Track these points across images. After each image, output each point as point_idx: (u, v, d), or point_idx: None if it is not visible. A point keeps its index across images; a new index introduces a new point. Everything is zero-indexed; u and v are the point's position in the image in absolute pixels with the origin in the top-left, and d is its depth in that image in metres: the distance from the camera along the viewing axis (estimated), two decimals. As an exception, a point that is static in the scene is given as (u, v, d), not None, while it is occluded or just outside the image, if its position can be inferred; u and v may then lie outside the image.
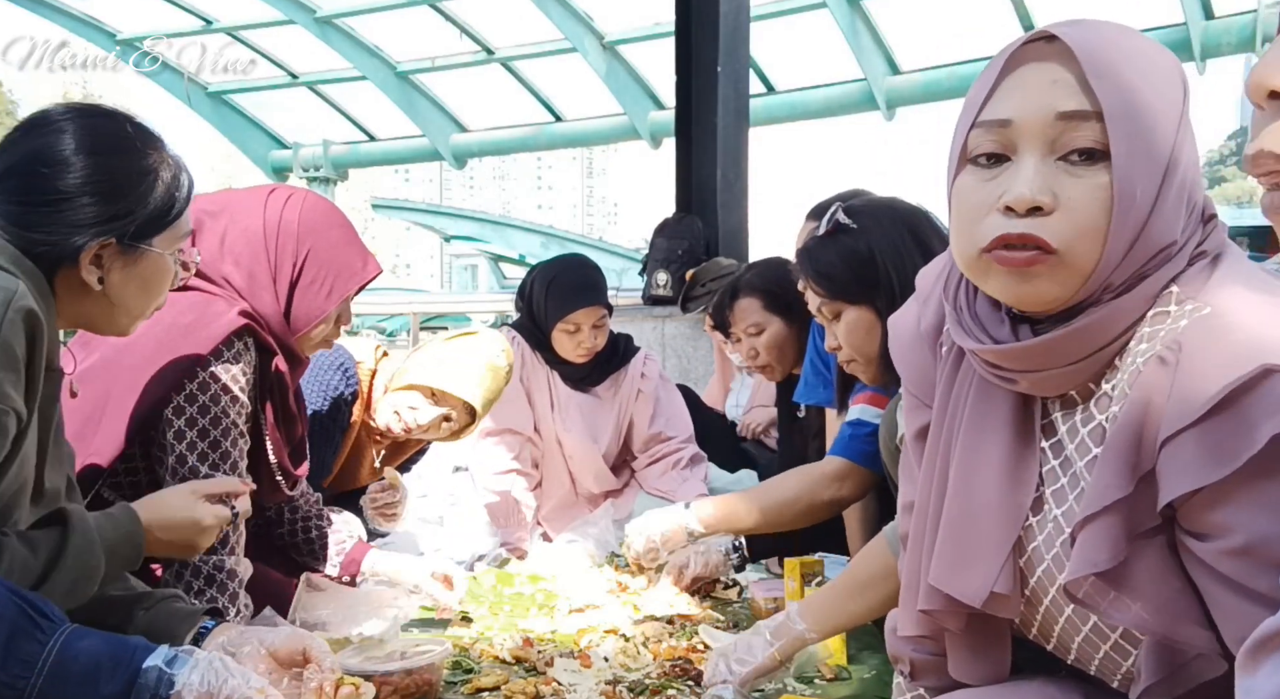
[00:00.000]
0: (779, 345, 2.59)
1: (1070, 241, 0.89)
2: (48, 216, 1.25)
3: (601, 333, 2.84)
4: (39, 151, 1.27)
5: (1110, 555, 0.85)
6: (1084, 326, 0.91)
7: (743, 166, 4.94)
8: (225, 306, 1.71)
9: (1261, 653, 0.56)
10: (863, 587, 1.63)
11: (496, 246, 19.44)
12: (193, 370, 1.65)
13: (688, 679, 1.77)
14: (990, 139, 0.93)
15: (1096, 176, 0.89)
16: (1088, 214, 0.89)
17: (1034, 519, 0.98)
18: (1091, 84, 0.88)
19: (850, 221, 1.87)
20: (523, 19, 11.24)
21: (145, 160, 1.33)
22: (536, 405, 2.91)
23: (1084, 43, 0.90)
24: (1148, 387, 0.85)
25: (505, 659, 1.88)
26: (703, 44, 4.81)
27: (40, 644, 1.03)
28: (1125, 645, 0.94)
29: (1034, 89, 0.91)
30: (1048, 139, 0.90)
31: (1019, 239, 0.90)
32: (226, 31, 12.49)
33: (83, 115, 1.31)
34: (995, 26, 13.04)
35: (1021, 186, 0.90)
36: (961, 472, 1.01)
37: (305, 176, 14.40)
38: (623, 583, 2.37)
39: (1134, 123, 0.88)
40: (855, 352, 1.90)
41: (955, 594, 0.99)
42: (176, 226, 1.38)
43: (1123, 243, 0.89)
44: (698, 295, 4.52)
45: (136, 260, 1.33)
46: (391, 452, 2.58)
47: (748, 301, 2.63)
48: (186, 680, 1.09)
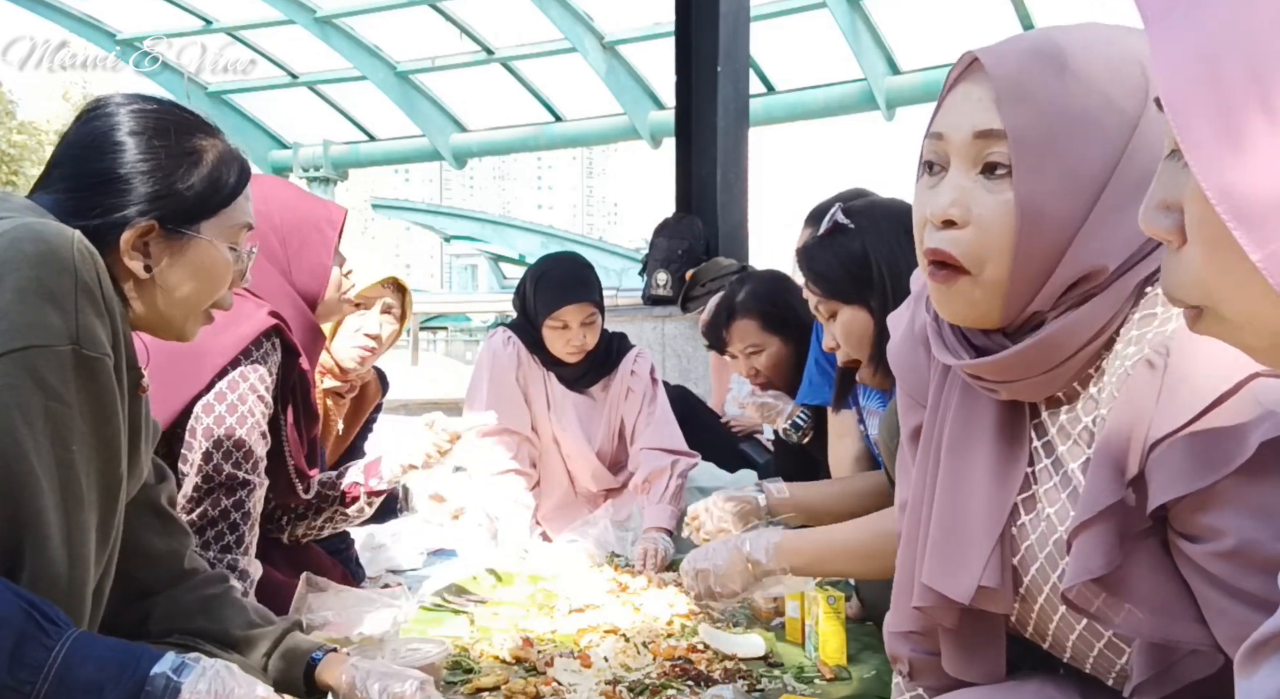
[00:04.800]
0: (778, 364, 2.61)
1: (978, 259, 0.92)
2: (90, 199, 1.22)
3: (592, 331, 2.80)
4: (83, 137, 1.26)
5: (1106, 561, 0.85)
6: (1043, 340, 0.92)
7: (743, 166, 4.95)
8: (254, 307, 1.72)
9: (1260, 654, 0.56)
10: (864, 557, 1.68)
11: (496, 246, 19.47)
12: (223, 369, 1.67)
13: (688, 679, 1.77)
14: (931, 150, 0.97)
15: (1005, 197, 0.91)
16: (995, 233, 0.91)
17: (1026, 518, 0.99)
18: (1000, 105, 0.90)
19: (848, 222, 1.90)
20: (523, 19, 11.26)
21: (190, 142, 1.30)
22: (533, 405, 2.91)
23: (1001, 65, 0.91)
24: (1136, 390, 0.85)
25: (505, 659, 1.88)
26: (703, 44, 4.82)
27: (47, 650, 1.01)
28: (1118, 643, 0.95)
29: (962, 106, 0.94)
30: (970, 155, 0.93)
31: (934, 255, 0.94)
32: (226, 31, 12.51)
33: (136, 101, 1.29)
34: (995, 26, 13.03)
35: (940, 198, 0.93)
36: (949, 471, 1.03)
37: (305, 176, 14.42)
38: (623, 583, 2.37)
39: (1046, 143, 0.89)
40: (851, 350, 1.92)
41: (944, 591, 1.01)
42: (228, 215, 1.33)
43: (1033, 262, 0.90)
44: (698, 295, 4.53)
45: (184, 248, 1.28)
46: (351, 413, 2.53)
47: (745, 323, 2.63)
48: (194, 689, 1.08)
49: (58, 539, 1.08)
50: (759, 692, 1.73)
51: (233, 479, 1.66)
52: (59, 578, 1.08)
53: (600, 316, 2.82)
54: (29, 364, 1.04)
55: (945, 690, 1.12)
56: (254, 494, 1.70)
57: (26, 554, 1.06)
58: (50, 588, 1.07)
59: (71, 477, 1.08)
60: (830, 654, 1.84)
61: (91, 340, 1.08)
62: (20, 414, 1.03)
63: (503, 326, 2.98)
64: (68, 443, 1.07)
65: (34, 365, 1.04)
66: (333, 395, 2.42)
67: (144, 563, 1.39)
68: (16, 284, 1.04)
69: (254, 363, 1.70)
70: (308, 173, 14.46)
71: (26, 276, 1.05)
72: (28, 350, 1.04)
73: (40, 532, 1.06)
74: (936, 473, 1.05)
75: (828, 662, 1.83)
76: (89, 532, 1.12)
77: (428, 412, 2.33)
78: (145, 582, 1.41)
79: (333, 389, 2.39)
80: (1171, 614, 0.86)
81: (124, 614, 1.42)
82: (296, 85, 13.18)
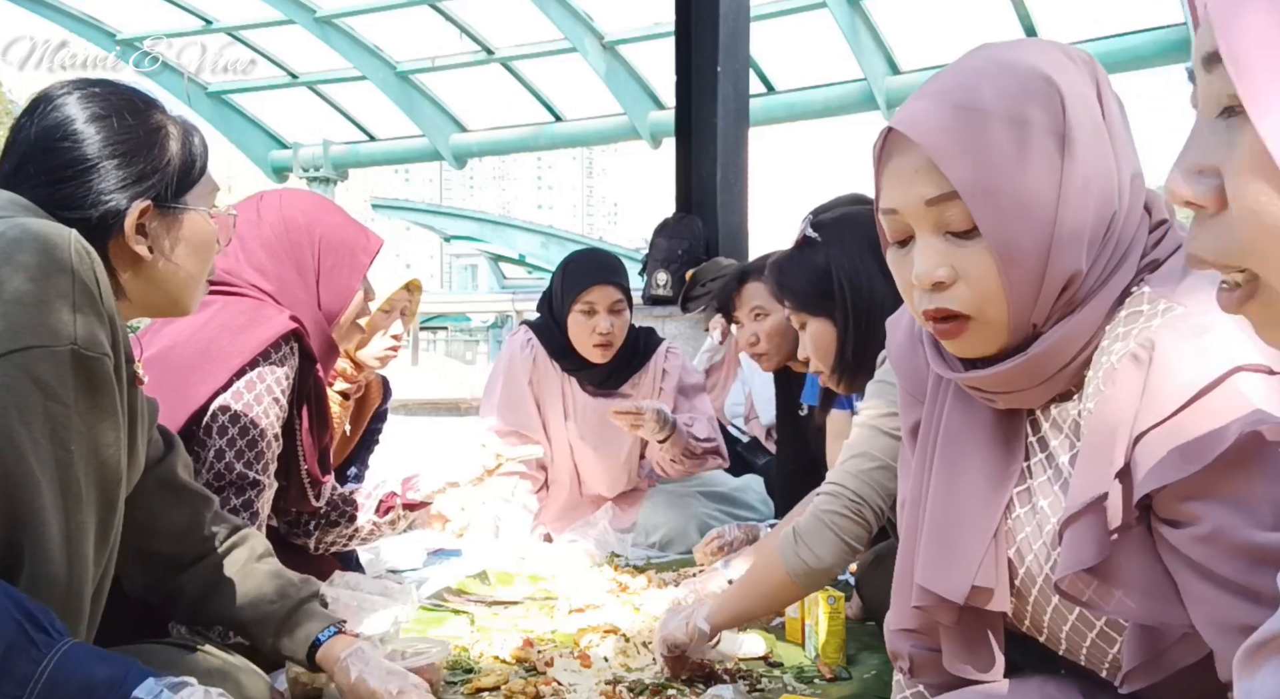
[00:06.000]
0: (780, 333, 2.59)
1: (978, 306, 0.95)
2: (78, 189, 1.23)
3: (619, 321, 2.74)
4: (49, 129, 1.25)
5: (1096, 552, 0.88)
6: (1039, 354, 0.95)
7: (743, 166, 4.94)
8: (275, 311, 1.76)
9: (1260, 655, 0.56)
10: (754, 584, 1.71)
11: (496, 246, 19.46)
12: (241, 370, 1.68)
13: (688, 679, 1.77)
14: (890, 226, 1.00)
15: (979, 246, 0.93)
16: (983, 281, 0.94)
17: (1021, 510, 1.01)
18: (941, 168, 0.92)
19: (816, 235, 1.95)
20: (523, 19, 11.26)
21: (152, 119, 1.31)
22: (547, 410, 2.86)
23: (924, 132, 0.93)
24: (1122, 384, 0.88)
25: (505, 659, 1.88)
26: (703, 44, 4.81)
27: (35, 663, 0.99)
28: (1110, 633, 0.96)
29: (903, 179, 0.96)
30: (929, 221, 0.95)
31: (936, 314, 0.96)
32: (226, 31, 12.50)
33: (80, 87, 1.29)
34: (995, 26, 13.04)
35: (921, 265, 0.96)
36: (944, 471, 1.05)
37: (305, 176, 14.41)
38: (623, 583, 2.37)
39: (995, 186, 0.91)
40: (817, 360, 1.97)
41: (939, 591, 1.02)
42: (205, 182, 1.36)
43: (1024, 295, 0.93)
44: (698, 295, 4.52)
45: (179, 222, 1.31)
46: (356, 412, 2.54)
47: (755, 286, 2.63)
48: None
49: (57, 539, 1.07)
50: (759, 692, 1.73)
51: (243, 478, 1.67)
52: (57, 578, 1.08)
53: (628, 309, 2.77)
54: (28, 364, 1.04)
55: (946, 688, 1.13)
56: (263, 494, 1.71)
57: (25, 554, 1.06)
58: (49, 588, 1.07)
59: (70, 477, 1.08)
60: (830, 654, 1.84)
61: (90, 340, 1.08)
62: (19, 414, 1.03)
63: (525, 325, 2.96)
64: (66, 443, 1.07)
65: (33, 366, 1.04)
66: (339, 397, 2.44)
67: (168, 540, 1.42)
68: (14, 285, 1.04)
69: (272, 365, 1.71)
70: (307, 173, 14.45)
71: (24, 277, 1.04)
72: (26, 351, 1.04)
73: (39, 532, 1.06)
74: (932, 472, 1.07)
75: (828, 662, 1.83)
76: (88, 531, 1.12)
77: (428, 411, 2.34)
78: (171, 555, 1.44)
79: (340, 391, 2.40)
80: (1160, 597, 0.88)
81: (157, 590, 1.45)
82: (296, 85, 13.17)
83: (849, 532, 1.59)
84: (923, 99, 0.96)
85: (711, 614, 1.70)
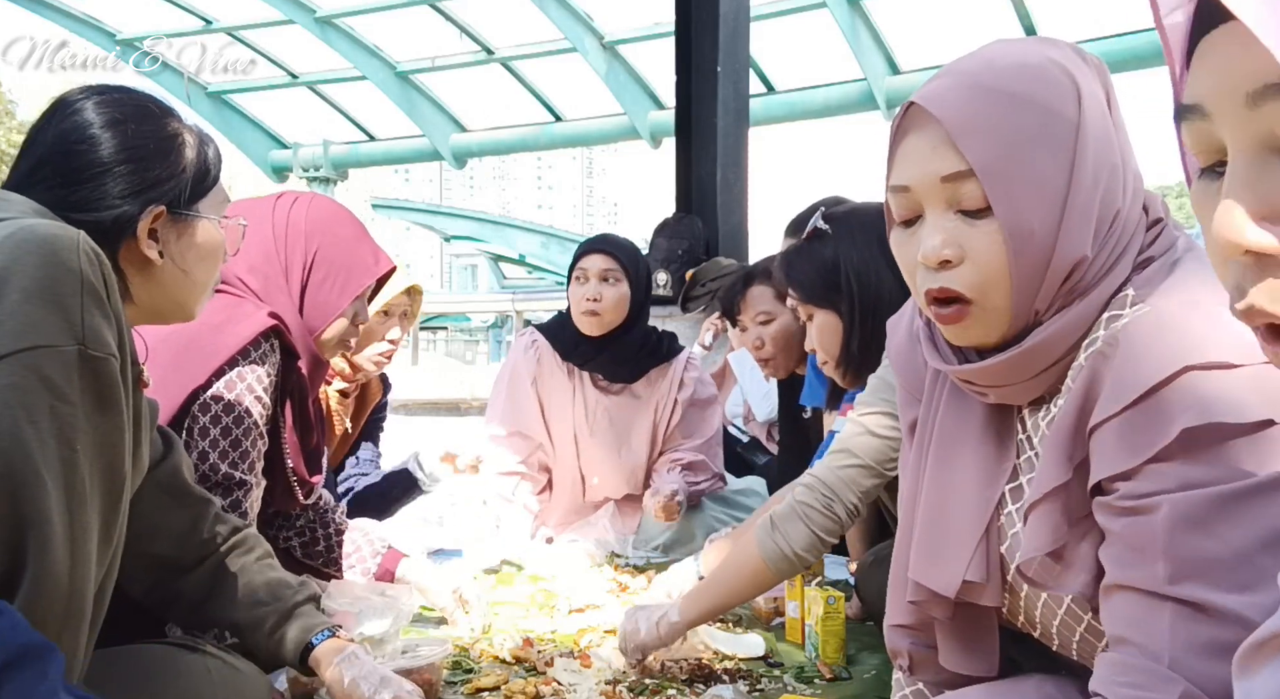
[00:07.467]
0: (785, 337, 2.57)
1: (981, 289, 0.95)
2: (91, 193, 1.24)
3: (611, 292, 2.71)
4: (65, 133, 1.27)
5: (1053, 538, 0.92)
6: (1033, 346, 0.96)
7: (743, 166, 4.94)
8: (254, 308, 1.74)
9: (1260, 655, 0.55)
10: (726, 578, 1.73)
11: (496, 246, 19.45)
12: (221, 368, 1.67)
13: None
14: (899, 204, 1.00)
15: (991, 226, 0.94)
16: (990, 263, 0.94)
17: (1013, 506, 1.02)
18: (959, 146, 0.93)
19: (826, 228, 1.96)
20: (523, 19, 11.26)
21: (168, 126, 1.33)
22: (553, 411, 2.85)
23: (945, 107, 0.94)
24: (1089, 379, 0.91)
25: (505, 659, 1.88)
26: (703, 44, 4.81)
27: None
28: (1097, 626, 0.97)
29: (919, 156, 0.97)
30: (941, 198, 0.96)
31: (939, 293, 0.97)
32: (226, 31, 12.49)
33: (98, 92, 1.31)
34: (995, 26, 13.04)
35: (928, 242, 0.96)
36: (938, 468, 1.07)
37: (305, 176, 14.40)
38: (623, 583, 2.37)
39: (1012, 168, 0.92)
40: (823, 353, 1.99)
41: (931, 586, 1.04)
42: (217, 191, 1.38)
43: (1029, 280, 0.94)
44: (698, 295, 4.51)
45: (191, 229, 1.33)
46: (356, 408, 2.54)
47: (760, 290, 2.62)
48: None
49: (61, 539, 1.07)
50: (759, 692, 1.74)
51: (229, 479, 1.66)
52: (61, 578, 1.08)
53: (626, 285, 2.74)
54: (34, 364, 1.04)
55: (945, 686, 1.14)
56: (250, 494, 1.70)
57: (29, 554, 1.06)
58: (53, 588, 1.07)
59: (75, 477, 1.08)
60: (830, 654, 1.84)
61: (97, 341, 1.08)
62: (25, 413, 1.03)
63: (532, 327, 2.98)
64: (72, 443, 1.07)
65: (39, 365, 1.04)
66: (338, 395, 2.44)
67: (168, 542, 1.43)
68: (22, 285, 1.04)
69: (252, 363, 1.70)
70: (307, 173, 14.44)
71: (32, 278, 1.05)
72: (34, 350, 1.04)
73: (43, 531, 1.06)
74: (927, 468, 1.09)
75: (828, 662, 1.83)
76: (92, 532, 1.12)
77: (428, 411, 2.35)
78: (172, 558, 1.44)
79: (340, 389, 2.41)
80: None
81: (157, 593, 1.45)
82: (296, 85, 13.16)
83: (819, 524, 1.64)
84: (946, 77, 0.97)
85: (684, 608, 1.72)
